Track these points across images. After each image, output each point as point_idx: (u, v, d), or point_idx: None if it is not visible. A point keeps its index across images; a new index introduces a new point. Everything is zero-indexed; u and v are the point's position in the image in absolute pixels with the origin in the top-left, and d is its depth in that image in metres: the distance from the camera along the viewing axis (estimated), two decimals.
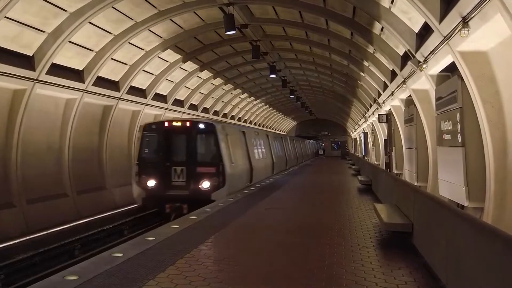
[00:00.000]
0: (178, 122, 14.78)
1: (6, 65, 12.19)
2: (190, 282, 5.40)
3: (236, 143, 16.19)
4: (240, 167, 15.95)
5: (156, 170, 13.99)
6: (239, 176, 15.47)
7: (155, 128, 14.69)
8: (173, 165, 13.97)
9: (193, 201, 12.82)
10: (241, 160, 16.30)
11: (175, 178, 13.85)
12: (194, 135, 14.28)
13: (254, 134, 20.56)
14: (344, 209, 11.41)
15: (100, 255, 6.63)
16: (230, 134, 15.45)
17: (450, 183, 10.02)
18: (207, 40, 20.28)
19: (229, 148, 14.66)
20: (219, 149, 13.90)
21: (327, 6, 14.90)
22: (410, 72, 13.24)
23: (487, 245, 3.91)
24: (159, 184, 13.89)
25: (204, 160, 14.14)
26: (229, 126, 16.86)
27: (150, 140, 14.65)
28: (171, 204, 13.51)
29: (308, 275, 5.69)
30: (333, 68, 25.85)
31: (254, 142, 19.75)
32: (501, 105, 8.34)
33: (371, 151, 34.21)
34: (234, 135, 16.29)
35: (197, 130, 14.36)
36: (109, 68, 17.27)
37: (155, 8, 15.25)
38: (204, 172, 13.72)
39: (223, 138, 14.29)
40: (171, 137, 14.33)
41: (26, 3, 11.54)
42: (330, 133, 68.18)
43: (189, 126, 14.41)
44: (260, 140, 21.57)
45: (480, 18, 7.34)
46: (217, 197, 13.10)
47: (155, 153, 14.48)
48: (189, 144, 14.19)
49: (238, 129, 18.19)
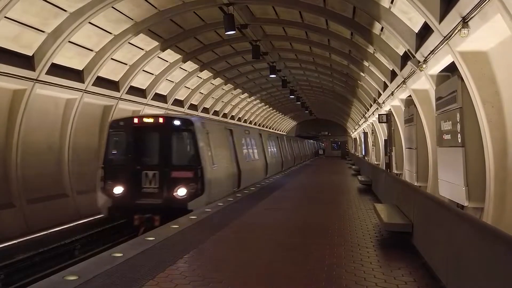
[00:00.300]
0: (149, 118, 12.80)
1: (6, 65, 12.19)
2: (190, 282, 5.40)
3: (221, 142, 14.42)
4: (225, 171, 14.14)
5: (124, 174, 12.11)
6: (222, 181, 13.64)
7: (123, 125, 12.67)
8: (144, 168, 12.08)
9: (167, 212, 11.13)
10: (226, 162, 14.45)
11: (146, 184, 11.99)
12: (168, 133, 12.35)
13: (243, 133, 18.61)
14: (344, 209, 11.41)
15: (100, 255, 6.63)
16: (213, 132, 13.58)
17: (450, 183, 10.02)
18: (207, 40, 20.28)
19: (210, 148, 12.89)
20: (197, 150, 12.06)
21: (327, 6, 14.90)
22: (410, 72, 13.24)
23: (487, 245, 3.91)
24: (128, 191, 11.96)
25: (180, 163, 12.29)
26: (211, 123, 14.82)
27: (117, 139, 12.79)
28: (141, 215, 11.56)
29: (308, 275, 5.69)
30: (333, 68, 25.85)
31: (243, 142, 17.94)
32: (501, 105, 8.34)
33: (371, 151, 34.21)
34: (218, 134, 14.48)
35: (172, 128, 12.39)
36: (109, 68, 17.26)
37: (155, 8, 15.25)
38: (180, 177, 11.84)
39: (202, 137, 12.50)
40: (142, 136, 12.48)
41: (26, 3, 11.54)
42: (330, 133, 68.15)
43: (163, 122, 12.47)
44: (251, 140, 19.73)
45: (480, 18, 7.34)
46: (195, 206, 11.37)
47: (123, 155, 12.59)
48: (162, 144, 12.35)
49: (223, 126, 16.05)
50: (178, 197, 11.70)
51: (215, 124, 15.81)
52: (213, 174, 12.57)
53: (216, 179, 12.82)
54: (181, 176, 11.90)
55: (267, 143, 23.83)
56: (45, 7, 12.31)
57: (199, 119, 13.44)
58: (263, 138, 22.69)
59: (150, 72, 20.50)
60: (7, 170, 13.20)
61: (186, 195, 11.70)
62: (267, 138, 24.46)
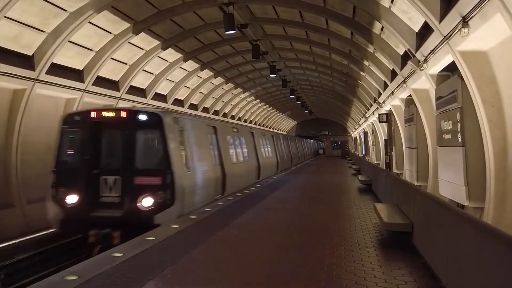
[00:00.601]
0: (110, 111, 10.71)
1: (6, 65, 12.18)
2: (190, 282, 5.39)
3: (200, 141, 12.57)
4: (204, 175, 12.20)
5: (79, 180, 10.17)
6: (201, 188, 11.76)
7: (79, 120, 10.70)
8: (103, 173, 10.20)
9: (129, 226, 9.36)
10: (206, 165, 12.60)
11: (105, 192, 10.11)
12: (132, 130, 10.43)
13: (230, 131, 16.73)
14: (344, 209, 11.40)
15: (100, 255, 6.63)
16: (190, 130, 11.76)
17: (450, 182, 10.01)
18: (207, 39, 20.28)
19: (185, 148, 11.15)
20: (167, 151, 10.15)
21: (327, 5, 14.90)
22: (410, 71, 13.23)
23: (487, 245, 3.91)
24: (83, 200, 10.00)
25: (146, 167, 10.35)
26: (188, 119, 12.54)
27: (72, 137, 10.91)
28: (97, 230, 9.64)
29: (308, 275, 5.68)
30: (333, 67, 25.85)
31: (230, 141, 16.24)
32: (501, 105, 8.33)
33: (371, 150, 34.22)
34: (197, 131, 12.53)
35: (136, 123, 10.46)
36: (109, 68, 17.26)
37: (155, 8, 15.25)
38: (145, 184, 9.91)
39: (174, 134, 10.66)
40: (101, 133, 10.58)
41: (26, 3, 11.54)
42: (330, 133, 68.14)
43: (126, 117, 10.48)
44: (241, 139, 17.96)
45: (480, 17, 7.34)
46: (163, 220, 9.49)
47: (78, 156, 10.60)
48: (125, 143, 10.43)
49: (204, 123, 14.01)
50: (142, 208, 9.76)
51: (194, 120, 13.35)
52: (187, 180, 10.78)
53: (192, 186, 11.02)
54: (147, 182, 9.94)
55: (260, 142, 21.91)
56: (45, 7, 12.31)
57: (171, 114, 11.20)
58: (255, 137, 20.87)
59: (150, 72, 20.49)
60: (7, 171, 13.21)
61: (152, 206, 9.74)
62: (260, 137, 22.44)
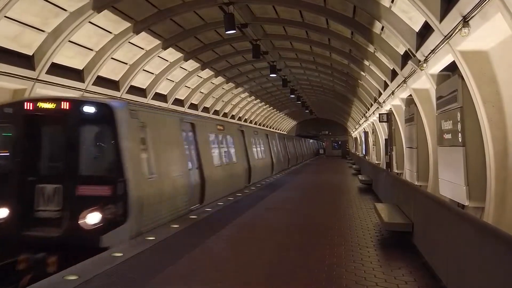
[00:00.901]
0: (48, 102, 8.36)
1: (6, 64, 12.20)
2: (190, 282, 5.39)
3: (171, 141, 10.41)
4: (174, 182, 9.99)
5: (9, 189, 8.05)
6: (168, 198, 9.53)
7: (10, 113, 8.45)
8: (39, 180, 8.07)
9: (69, 249, 7.43)
10: (177, 169, 10.38)
11: (42, 205, 7.97)
12: (76, 125, 8.26)
13: (215, 129, 14.55)
14: (345, 209, 11.40)
15: (100, 255, 6.62)
16: (154, 126, 9.44)
17: (451, 182, 10.00)
18: (207, 39, 20.28)
19: (148, 149, 8.90)
20: (119, 152, 7.98)
21: (328, 5, 14.89)
22: (410, 71, 13.22)
23: (487, 245, 3.90)
24: (13, 215, 7.89)
25: (92, 173, 8.25)
26: (151, 112, 10.20)
27: (1, 134, 8.87)
28: (29, 254, 7.62)
29: (308, 275, 5.68)
30: (333, 67, 25.84)
31: (214, 141, 14.17)
32: (501, 105, 8.32)
33: (371, 150, 34.20)
34: (165, 128, 10.29)
35: (81, 117, 8.24)
36: (109, 68, 17.26)
37: (156, 8, 15.24)
38: (91, 195, 7.82)
39: (131, 131, 8.41)
40: (38, 130, 8.42)
41: (26, 2, 11.55)
42: (330, 133, 68.14)
43: (68, 109, 8.29)
44: (227, 138, 15.90)
45: (481, 17, 7.33)
46: (113, 241, 7.46)
47: (8, 159, 8.50)
48: (67, 142, 8.27)
49: (177, 118, 11.39)
50: (86, 226, 7.64)
51: (162, 114, 11.11)
52: (149, 189, 8.66)
53: (155, 196, 8.86)
54: (93, 193, 7.88)
55: (252, 142, 19.86)
56: (45, 7, 12.31)
57: (126, 105, 8.80)
58: (245, 135, 18.83)
59: (150, 72, 20.49)
60: None
61: (99, 223, 7.66)
62: (252, 136, 20.23)
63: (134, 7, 14.62)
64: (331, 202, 13.06)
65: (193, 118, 13.04)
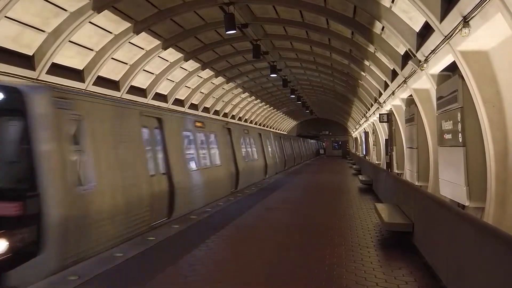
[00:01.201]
0: None
1: (7, 64, 12.20)
2: (191, 282, 5.39)
3: (122, 139, 8.35)
4: (126, 193, 8.06)
5: None
6: (112, 216, 7.54)
7: None
8: None
9: None
10: (131, 176, 8.44)
11: None
12: None
13: (191, 126, 12.56)
14: (345, 209, 11.39)
15: (100, 255, 6.62)
16: (95, 119, 7.51)
17: (451, 182, 9.99)
18: (207, 39, 20.27)
19: (82, 150, 7.06)
20: (31, 155, 6.20)
21: (328, 5, 14.88)
22: (411, 71, 13.21)
23: (488, 245, 3.90)
24: None
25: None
26: (92, 102, 7.87)
27: None
28: None
29: (308, 275, 5.68)
30: (333, 67, 25.83)
31: (189, 140, 12.31)
32: (502, 105, 8.31)
33: (372, 150, 34.17)
34: (114, 124, 8.22)
35: None
36: (110, 68, 17.26)
37: (156, 8, 15.24)
38: None
39: (54, 127, 6.53)
40: None
41: (26, 2, 11.54)
42: (331, 133, 68.12)
43: None
44: (209, 137, 13.98)
45: (481, 17, 7.32)
46: (23, 278, 5.77)
47: None
48: None
49: (135, 112, 9.23)
50: None
51: (111, 104, 8.62)
52: (79, 205, 6.73)
53: (88, 215, 6.89)
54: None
55: (241, 141, 17.66)
56: (45, 7, 12.31)
57: (47, 90, 6.82)
58: (232, 134, 16.82)
59: (150, 72, 20.49)
60: None
61: (3, 254, 5.85)
62: (241, 134, 17.91)
63: (134, 7, 14.62)
64: (332, 202, 13.06)
65: (160, 112, 10.95)
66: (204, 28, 18.39)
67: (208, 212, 10.49)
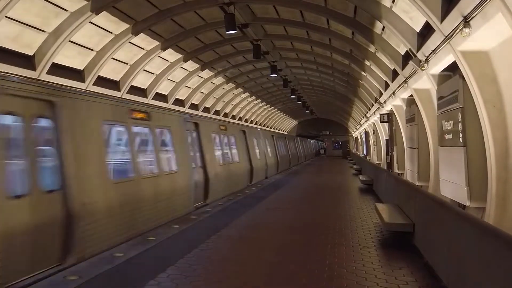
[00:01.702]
0: None
1: (7, 65, 12.19)
2: (191, 282, 5.38)
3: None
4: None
5: None
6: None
7: None
8: None
9: None
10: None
11: None
12: None
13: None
14: (345, 209, 11.39)
15: (101, 255, 6.62)
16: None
17: (452, 183, 9.98)
18: (208, 39, 20.27)
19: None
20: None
21: (328, 5, 14.88)
22: (411, 71, 13.20)
23: (488, 246, 3.89)
24: None
25: None
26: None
27: None
28: None
29: (309, 275, 5.67)
30: (334, 67, 25.82)
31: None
32: (502, 105, 8.30)
33: (372, 150, 34.16)
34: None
35: None
36: (110, 68, 17.26)
37: (156, 8, 15.24)
38: None
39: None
40: None
41: (27, 2, 11.55)
42: (331, 133, 68.07)
43: None
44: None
45: (481, 17, 7.32)
46: None
47: None
48: None
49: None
50: None
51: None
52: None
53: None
54: None
55: (218, 141, 15.30)
56: (46, 7, 12.31)
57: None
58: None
59: (151, 72, 20.50)
60: None
61: None
62: (214, 132, 14.95)
63: (135, 7, 14.62)
64: (332, 202, 13.05)
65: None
66: (204, 28, 18.38)
67: (208, 212, 10.50)
